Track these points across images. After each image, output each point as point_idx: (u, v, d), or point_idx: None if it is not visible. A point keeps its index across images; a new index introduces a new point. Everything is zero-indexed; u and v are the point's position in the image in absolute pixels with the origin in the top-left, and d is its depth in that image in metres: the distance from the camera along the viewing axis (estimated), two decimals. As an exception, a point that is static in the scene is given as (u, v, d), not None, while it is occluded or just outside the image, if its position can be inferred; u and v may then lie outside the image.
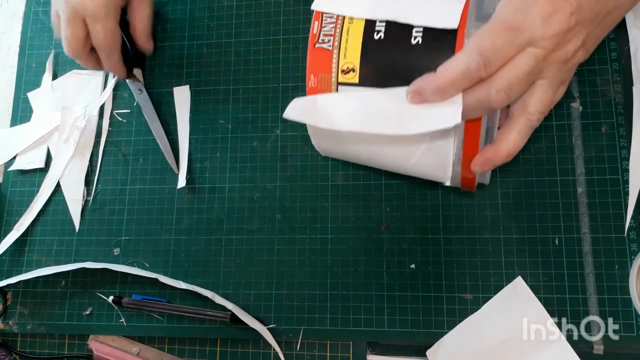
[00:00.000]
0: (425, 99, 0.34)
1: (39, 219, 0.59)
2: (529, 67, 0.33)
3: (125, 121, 0.60)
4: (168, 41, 0.60)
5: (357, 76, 0.37)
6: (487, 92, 0.33)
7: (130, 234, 0.56)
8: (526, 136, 0.36)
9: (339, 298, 0.51)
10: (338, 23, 0.37)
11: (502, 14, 0.33)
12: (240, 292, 0.53)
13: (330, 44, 0.37)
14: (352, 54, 0.36)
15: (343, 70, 0.37)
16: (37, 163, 0.60)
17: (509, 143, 0.36)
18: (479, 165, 0.38)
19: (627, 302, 0.46)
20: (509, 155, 0.36)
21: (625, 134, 0.49)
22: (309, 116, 0.37)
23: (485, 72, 0.33)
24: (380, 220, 0.52)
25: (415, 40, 0.35)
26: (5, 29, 0.66)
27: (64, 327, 0.56)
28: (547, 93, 0.35)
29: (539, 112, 0.35)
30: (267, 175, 0.55)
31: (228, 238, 0.55)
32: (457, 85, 0.34)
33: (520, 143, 0.36)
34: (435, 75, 0.34)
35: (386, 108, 0.35)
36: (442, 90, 0.34)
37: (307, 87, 0.38)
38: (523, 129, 0.36)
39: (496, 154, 0.37)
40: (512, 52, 0.33)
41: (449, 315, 0.49)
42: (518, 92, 0.34)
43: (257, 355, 0.52)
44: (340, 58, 0.37)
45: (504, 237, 0.50)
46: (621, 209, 0.48)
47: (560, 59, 0.34)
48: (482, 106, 0.34)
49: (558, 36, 0.32)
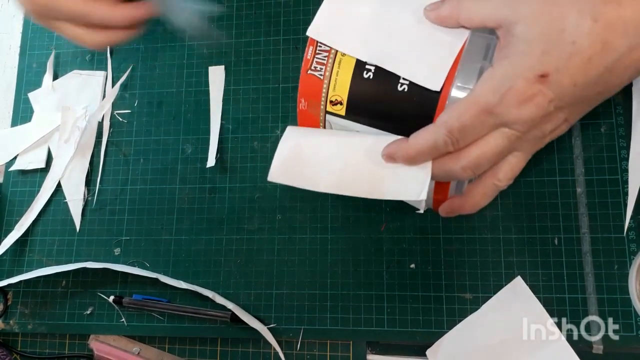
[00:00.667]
0: (395, 162, 0.35)
1: (39, 219, 0.59)
2: (500, 147, 0.32)
3: (126, 121, 0.60)
4: (168, 42, 0.61)
5: (344, 109, 0.37)
6: (455, 167, 0.34)
7: (130, 234, 0.57)
8: (491, 197, 0.37)
9: (339, 298, 0.51)
10: (331, 53, 0.37)
11: (478, 94, 0.32)
12: (240, 291, 0.53)
13: (322, 72, 0.37)
14: (341, 88, 0.37)
15: (332, 101, 0.37)
16: (38, 163, 0.60)
17: (474, 200, 0.37)
18: (445, 212, 0.39)
19: (626, 302, 0.46)
20: (473, 210, 0.38)
21: (624, 134, 0.49)
22: (291, 178, 0.39)
23: (453, 148, 0.33)
24: (380, 220, 0.52)
25: (402, 87, 0.36)
26: (6, 29, 0.67)
27: (65, 326, 0.56)
28: (519, 163, 0.35)
29: (507, 179, 0.35)
30: (267, 175, 0.55)
31: (228, 238, 0.55)
32: (426, 156, 0.34)
33: (485, 202, 0.37)
34: (407, 143, 0.34)
35: (363, 170, 0.37)
36: (412, 158, 0.34)
37: (297, 108, 0.39)
38: (489, 191, 0.36)
39: (462, 207, 0.38)
40: (483, 132, 0.32)
41: (449, 315, 0.49)
42: (486, 167, 0.34)
43: (257, 355, 0.52)
44: (330, 89, 0.37)
45: (503, 237, 0.50)
46: (620, 209, 0.48)
47: (536, 137, 0.33)
48: (450, 177, 0.35)
49: (533, 121, 0.31)
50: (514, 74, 0.30)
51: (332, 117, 0.38)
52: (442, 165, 0.34)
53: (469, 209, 0.38)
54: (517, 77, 0.30)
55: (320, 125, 0.39)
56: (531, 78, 0.30)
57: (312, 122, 0.39)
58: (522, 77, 0.30)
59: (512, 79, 0.30)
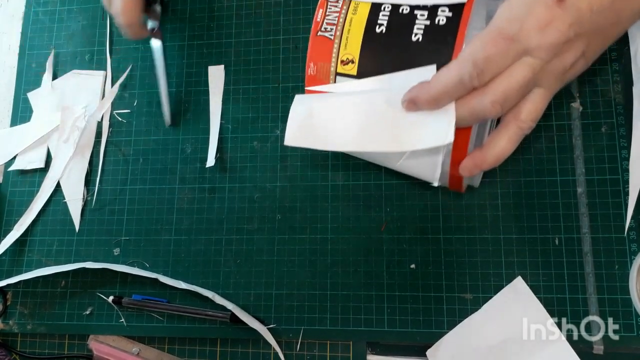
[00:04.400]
0: (418, 108, 0.34)
1: (39, 219, 0.59)
2: (525, 77, 0.32)
3: (126, 121, 0.60)
4: (168, 41, 0.60)
5: (355, 68, 0.36)
6: (481, 103, 0.33)
7: (130, 234, 0.56)
8: (516, 143, 0.36)
9: (339, 298, 0.51)
10: (342, 12, 0.37)
11: (498, 23, 0.32)
12: (240, 292, 0.53)
13: (332, 33, 0.37)
14: (353, 46, 0.36)
15: (342, 60, 0.37)
16: (37, 163, 0.60)
17: (497, 149, 0.36)
18: (467, 169, 0.37)
19: (627, 302, 0.46)
20: (497, 161, 0.36)
21: (625, 134, 0.49)
22: (309, 141, 0.37)
23: (479, 82, 0.32)
24: (380, 220, 0.52)
25: (416, 37, 0.35)
26: (5, 29, 0.66)
27: (64, 327, 0.56)
28: (542, 101, 0.34)
29: (531, 120, 0.35)
30: (267, 175, 0.55)
31: (228, 238, 0.55)
32: (451, 95, 0.33)
33: (510, 149, 0.36)
34: (429, 84, 0.33)
35: (381, 123, 0.35)
36: (436, 99, 0.33)
37: (306, 74, 0.38)
38: (514, 135, 0.35)
39: (484, 159, 0.36)
40: (507, 62, 0.32)
41: (449, 315, 0.49)
42: (513, 102, 0.33)
43: (257, 355, 0.52)
44: (340, 48, 0.37)
45: (504, 237, 0.50)
46: (621, 209, 0.48)
47: (558, 69, 0.33)
48: (476, 116, 0.34)
49: (555, 47, 0.31)
50: (532, 1, 0.31)
51: (342, 79, 0.37)
52: (468, 104, 0.33)
53: (493, 160, 0.36)
54: (535, 3, 0.31)
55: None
56: (549, 3, 0.30)
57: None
58: (541, 2, 0.31)
59: (531, 5, 0.31)
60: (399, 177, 0.52)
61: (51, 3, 0.65)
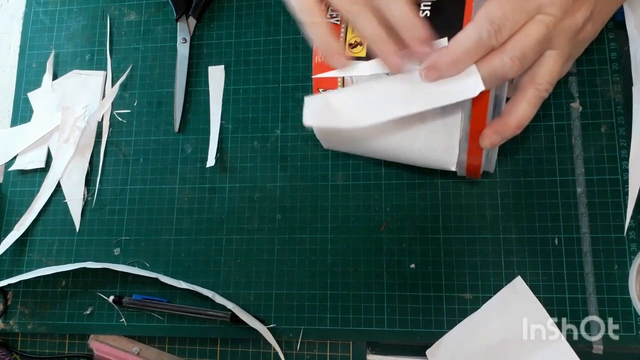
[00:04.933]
0: (440, 73, 0.34)
1: (39, 219, 0.59)
2: (541, 34, 0.33)
3: (126, 121, 0.60)
4: (168, 41, 0.60)
5: (364, 50, 0.36)
6: (502, 61, 0.33)
7: (130, 234, 0.56)
8: (535, 107, 0.36)
9: (339, 298, 0.51)
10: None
11: None
12: (240, 291, 0.53)
13: (338, 18, 0.37)
14: None
15: (351, 44, 0.37)
16: (38, 163, 0.60)
17: (518, 114, 0.36)
18: (488, 139, 0.37)
19: (626, 302, 0.46)
20: (519, 126, 0.36)
21: (624, 134, 0.49)
22: (328, 119, 0.37)
23: (497, 41, 0.33)
24: (380, 220, 0.52)
25: (424, 13, 0.35)
26: (5, 29, 0.66)
27: (65, 326, 0.56)
28: (556, 63, 0.35)
29: (547, 83, 0.35)
30: (267, 175, 0.55)
31: (228, 238, 0.55)
32: (472, 56, 0.33)
33: (530, 113, 0.36)
34: (449, 48, 0.34)
35: (402, 90, 0.35)
36: (457, 61, 0.33)
37: (313, 62, 0.38)
38: (532, 99, 0.36)
39: (506, 126, 0.36)
40: (522, 19, 0.33)
41: (449, 315, 0.49)
42: (531, 59, 0.34)
43: (257, 355, 0.52)
44: (348, 32, 0.37)
45: (503, 237, 0.50)
46: (621, 208, 0.48)
47: (570, 28, 0.34)
48: (497, 76, 0.34)
49: (566, 2, 0.33)
50: None
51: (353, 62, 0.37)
52: (488, 64, 0.33)
53: (515, 125, 0.36)
54: None
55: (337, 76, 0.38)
56: None
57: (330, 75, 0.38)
58: None
59: None
60: (399, 177, 0.52)
61: (51, 3, 0.65)
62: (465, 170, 0.42)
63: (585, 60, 0.51)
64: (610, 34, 0.51)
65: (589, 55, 0.51)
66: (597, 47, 0.51)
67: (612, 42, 0.51)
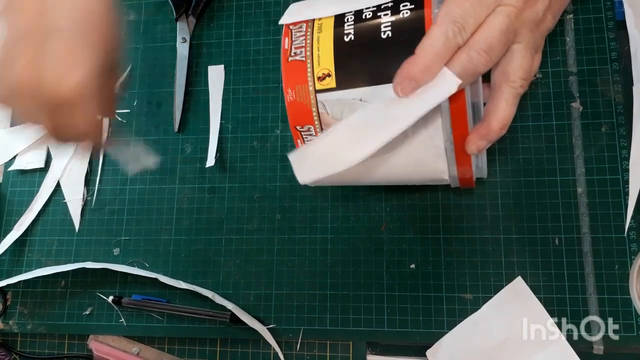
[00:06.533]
0: (415, 83, 0.34)
1: (38, 219, 0.59)
2: (504, 24, 0.33)
3: (125, 121, 0.60)
4: (167, 41, 0.60)
5: (333, 80, 0.37)
6: (469, 56, 0.33)
7: (130, 234, 0.56)
8: (514, 104, 0.36)
9: (338, 298, 0.51)
10: (307, 34, 0.38)
11: None
12: (240, 292, 0.53)
13: (302, 55, 0.37)
14: (326, 60, 0.37)
15: (319, 77, 0.37)
16: (37, 163, 0.60)
17: (498, 114, 0.36)
18: (474, 144, 0.37)
19: (627, 302, 0.46)
20: (503, 126, 0.36)
21: (625, 134, 0.49)
22: (323, 169, 0.37)
23: (462, 39, 0.33)
24: (380, 220, 0.52)
25: (385, 34, 0.36)
26: (5, 29, 0.66)
27: (64, 327, 0.56)
28: (524, 57, 0.35)
29: (520, 78, 0.35)
30: (267, 175, 0.55)
31: (228, 238, 0.55)
32: (442, 58, 0.34)
33: (511, 112, 0.36)
34: (417, 55, 0.34)
35: (384, 113, 0.35)
36: (429, 66, 0.33)
37: (286, 102, 0.38)
38: (509, 97, 0.36)
39: (489, 129, 0.36)
40: (483, 13, 0.33)
41: (449, 315, 0.49)
42: (499, 51, 0.34)
43: (257, 356, 0.52)
44: (314, 66, 0.37)
45: (504, 237, 0.50)
46: (621, 209, 0.48)
47: (532, 19, 0.34)
48: (468, 73, 0.34)
49: None
50: None
51: (323, 95, 0.37)
52: (457, 62, 0.34)
53: (498, 127, 0.36)
54: None
55: (312, 110, 0.38)
56: None
57: (304, 111, 0.38)
58: None
59: None
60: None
61: (51, 3, 0.65)
62: (458, 181, 0.42)
63: (586, 60, 0.51)
64: (610, 34, 0.51)
65: (590, 54, 0.51)
66: (598, 46, 0.51)
67: (612, 42, 0.51)
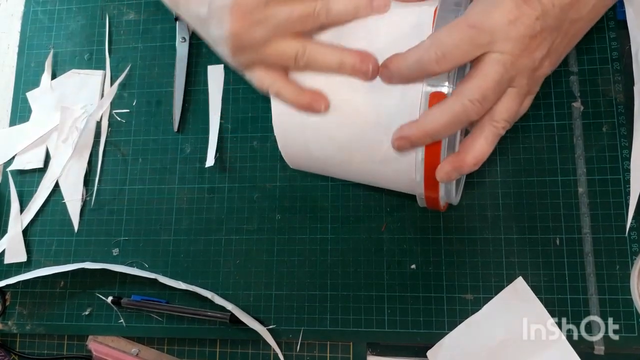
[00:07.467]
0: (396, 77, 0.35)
1: (37, 219, 0.59)
2: (499, 74, 0.33)
3: (125, 121, 0.59)
4: (167, 41, 0.60)
5: None
6: (462, 103, 0.33)
7: (129, 234, 0.56)
8: (492, 144, 0.36)
9: (339, 298, 0.51)
10: None
11: (467, 15, 0.33)
12: (239, 292, 0.53)
13: None
14: None
15: None
16: (36, 163, 0.60)
17: (475, 150, 0.36)
18: (445, 173, 0.37)
19: (627, 303, 0.46)
20: (477, 162, 0.36)
21: (626, 134, 0.49)
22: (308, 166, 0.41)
23: (438, 67, 0.33)
24: (380, 220, 0.52)
25: None
26: (4, 28, 0.66)
27: (63, 327, 0.56)
28: (513, 101, 0.35)
29: (504, 120, 0.35)
30: (267, 175, 0.55)
31: (227, 238, 0.54)
32: (412, 72, 0.34)
33: (488, 150, 0.36)
34: (402, 55, 0.34)
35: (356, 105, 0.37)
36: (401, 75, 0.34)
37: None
38: (490, 136, 0.35)
39: (463, 162, 0.36)
40: (471, 51, 0.33)
41: (450, 316, 0.49)
42: (492, 101, 0.34)
43: (256, 356, 0.52)
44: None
45: (504, 237, 0.49)
46: (622, 209, 0.48)
47: (529, 67, 0.34)
48: (458, 119, 0.34)
49: (523, 40, 0.32)
50: None
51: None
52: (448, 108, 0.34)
53: (472, 162, 0.36)
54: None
55: None
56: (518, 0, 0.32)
57: None
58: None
59: (499, 1, 0.32)
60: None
61: (50, 2, 0.65)
62: (424, 201, 0.42)
63: (587, 59, 0.51)
64: (611, 34, 0.51)
65: (591, 54, 0.51)
66: (599, 46, 0.51)
67: (613, 42, 0.51)
